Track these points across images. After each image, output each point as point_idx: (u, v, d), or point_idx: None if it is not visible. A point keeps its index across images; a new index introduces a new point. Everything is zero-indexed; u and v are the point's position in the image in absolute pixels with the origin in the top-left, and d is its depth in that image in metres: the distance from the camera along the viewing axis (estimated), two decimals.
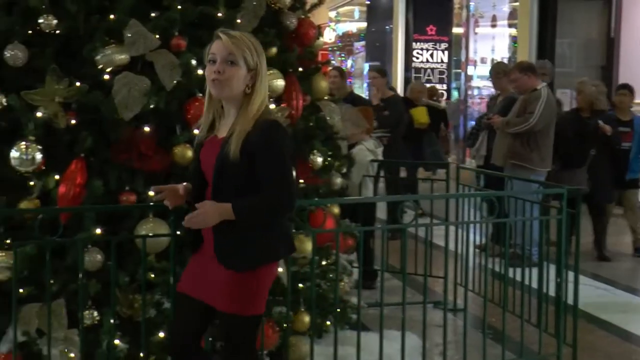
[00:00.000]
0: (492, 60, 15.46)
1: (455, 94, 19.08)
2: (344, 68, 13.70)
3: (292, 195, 3.36)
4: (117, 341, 4.17)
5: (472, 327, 5.55)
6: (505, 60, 14.62)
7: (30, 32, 4.28)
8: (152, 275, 4.33)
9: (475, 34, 16.75)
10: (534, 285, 5.55)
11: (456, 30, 18.71)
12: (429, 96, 13.49)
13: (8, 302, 3.90)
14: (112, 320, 4.07)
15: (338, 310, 4.65)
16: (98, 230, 4.21)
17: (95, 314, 4.23)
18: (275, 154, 3.31)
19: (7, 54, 4.25)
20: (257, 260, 3.39)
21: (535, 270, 5.58)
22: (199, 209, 3.28)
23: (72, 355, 4.10)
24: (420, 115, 11.59)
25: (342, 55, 24.54)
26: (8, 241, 4.11)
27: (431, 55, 19.28)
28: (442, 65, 19.35)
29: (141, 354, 4.20)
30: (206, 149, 3.44)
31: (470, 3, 16.82)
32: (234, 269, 3.33)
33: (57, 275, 4.13)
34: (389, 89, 10.50)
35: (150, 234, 4.19)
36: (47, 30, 4.32)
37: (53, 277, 4.02)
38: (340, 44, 24.92)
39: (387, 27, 20.30)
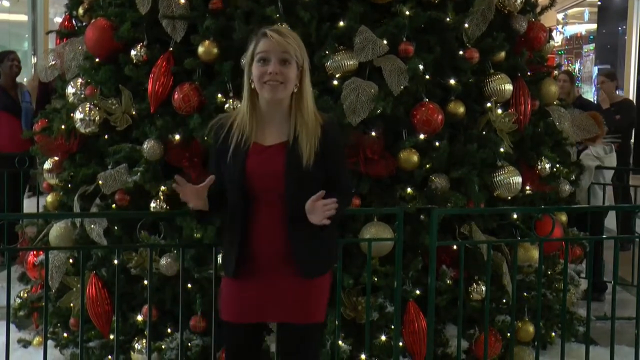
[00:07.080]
0: None
1: None
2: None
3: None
4: (340, 342, 4.25)
5: None
6: None
7: None
8: (376, 279, 4.38)
9: None
10: None
11: None
12: None
13: None
14: (336, 322, 4.15)
15: (564, 321, 4.50)
16: None
17: None
18: (343, 151, 3.36)
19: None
20: (330, 262, 3.37)
21: None
22: (331, 204, 3.00)
23: None
24: None
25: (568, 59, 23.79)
26: None
27: None
28: None
29: (363, 356, 4.27)
30: (255, 158, 3.14)
31: None
32: (311, 275, 3.20)
33: None
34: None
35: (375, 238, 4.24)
36: None
37: None
38: (567, 47, 24.15)
39: (619, 28, 19.49)
